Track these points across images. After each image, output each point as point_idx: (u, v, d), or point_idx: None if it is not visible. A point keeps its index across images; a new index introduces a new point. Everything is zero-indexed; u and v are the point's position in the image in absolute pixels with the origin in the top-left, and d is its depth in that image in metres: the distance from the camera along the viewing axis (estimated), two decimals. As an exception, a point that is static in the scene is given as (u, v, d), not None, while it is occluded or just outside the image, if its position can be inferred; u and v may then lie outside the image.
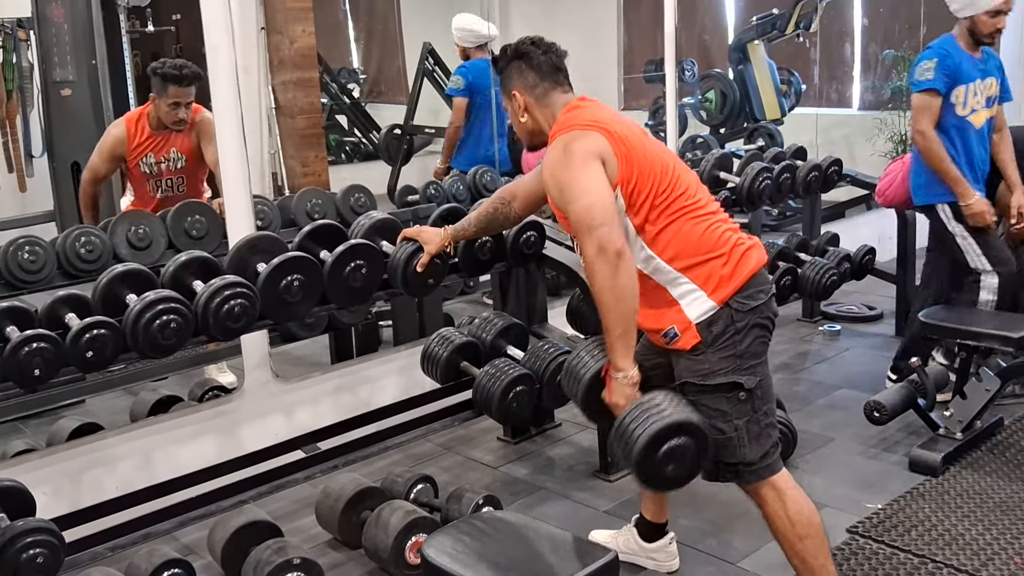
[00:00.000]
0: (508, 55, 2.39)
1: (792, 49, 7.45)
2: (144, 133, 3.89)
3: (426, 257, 2.70)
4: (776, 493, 2.24)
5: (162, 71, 3.77)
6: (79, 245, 3.27)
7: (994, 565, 2.63)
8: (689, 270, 2.18)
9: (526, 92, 2.35)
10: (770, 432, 2.24)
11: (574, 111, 2.29)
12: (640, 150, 2.22)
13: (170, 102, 3.79)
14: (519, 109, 2.36)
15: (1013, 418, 3.57)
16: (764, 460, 2.23)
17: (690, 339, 2.18)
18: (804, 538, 2.22)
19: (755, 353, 2.21)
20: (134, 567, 2.49)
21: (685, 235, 2.19)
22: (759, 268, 2.22)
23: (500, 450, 3.59)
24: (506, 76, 2.39)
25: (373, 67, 8.74)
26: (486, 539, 1.91)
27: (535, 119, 2.36)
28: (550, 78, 2.35)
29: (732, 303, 2.17)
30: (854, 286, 4.95)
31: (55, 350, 2.25)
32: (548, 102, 2.34)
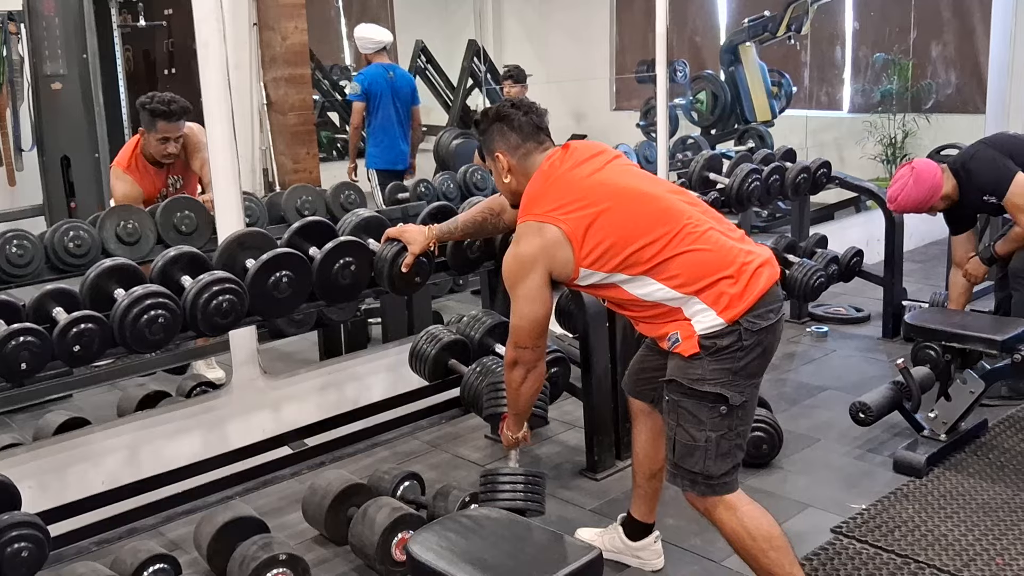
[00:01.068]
0: (490, 118, 2.43)
1: (783, 51, 7.49)
2: (148, 171, 3.86)
3: (410, 258, 2.70)
4: (731, 511, 2.25)
5: (150, 106, 3.73)
6: (68, 239, 3.27)
7: (976, 566, 2.65)
8: (700, 292, 2.18)
9: (509, 153, 2.39)
10: (736, 453, 2.25)
11: (540, 184, 2.32)
12: (614, 211, 2.23)
13: (159, 137, 3.76)
14: (503, 170, 2.41)
15: (997, 420, 3.60)
16: (723, 477, 2.24)
17: (690, 348, 2.18)
18: (767, 551, 2.22)
19: (750, 373, 2.21)
20: (120, 562, 2.49)
21: (690, 263, 2.19)
22: (770, 287, 2.21)
23: (487, 448, 3.60)
24: (488, 138, 2.43)
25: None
26: (472, 536, 1.91)
27: (518, 180, 2.40)
28: (532, 139, 2.40)
29: (743, 321, 2.16)
30: (842, 288, 4.98)
31: (42, 344, 2.24)
32: (528, 164, 2.39)
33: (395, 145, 5.55)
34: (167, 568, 2.50)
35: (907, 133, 7.28)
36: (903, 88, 7.36)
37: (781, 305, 2.28)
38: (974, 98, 7.15)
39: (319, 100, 7.31)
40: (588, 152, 2.38)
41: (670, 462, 2.30)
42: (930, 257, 6.12)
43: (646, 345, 2.56)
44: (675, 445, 2.25)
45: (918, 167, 3.87)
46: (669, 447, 2.29)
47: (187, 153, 3.88)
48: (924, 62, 7.41)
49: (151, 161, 3.85)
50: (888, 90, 7.44)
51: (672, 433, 2.26)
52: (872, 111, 7.52)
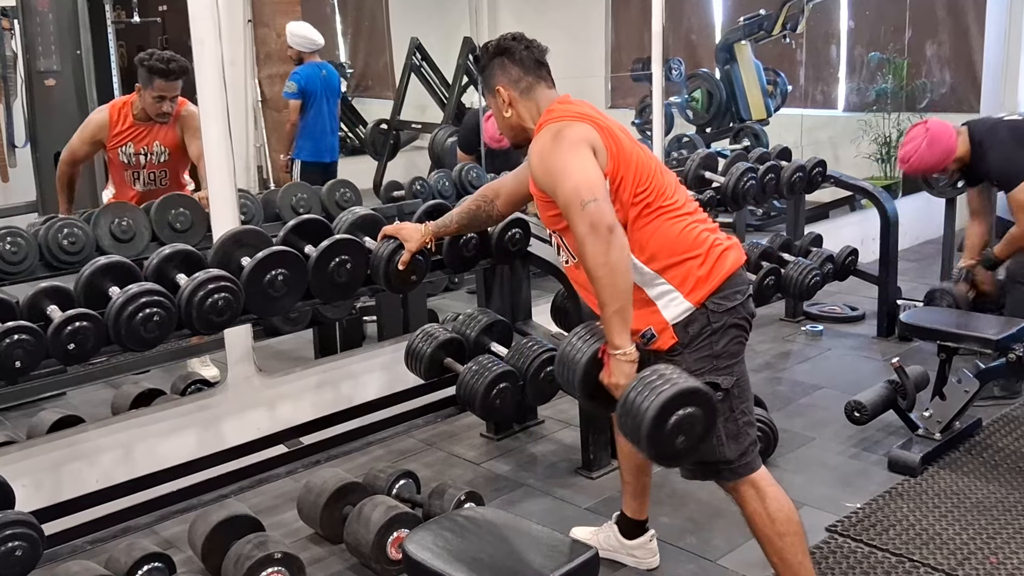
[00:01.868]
0: (490, 52, 2.38)
1: (779, 50, 7.49)
2: (126, 122, 3.88)
3: (406, 255, 2.69)
4: (756, 491, 2.25)
5: (149, 63, 3.75)
6: (62, 237, 3.25)
7: (970, 564, 2.65)
8: (666, 271, 2.19)
9: (510, 87, 2.35)
10: (748, 431, 2.25)
11: (563, 105, 2.30)
12: (627, 147, 2.23)
13: (155, 95, 3.78)
14: (503, 104, 2.36)
15: (991, 419, 3.60)
16: (743, 458, 2.24)
17: (667, 340, 2.19)
18: (784, 536, 2.23)
19: (731, 353, 2.22)
20: (114, 561, 2.49)
21: (662, 235, 2.19)
22: (736, 269, 2.23)
23: (483, 447, 3.60)
24: (488, 73, 2.38)
25: (360, 62, 8.72)
26: (467, 535, 1.91)
27: (519, 114, 2.36)
28: (533, 72, 2.35)
29: (708, 304, 2.18)
30: (837, 287, 4.98)
31: (36, 342, 2.23)
32: (532, 96, 2.34)
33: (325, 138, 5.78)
34: (161, 567, 2.50)
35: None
36: (898, 87, 7.36)
37: (748, 287, 2.28)
38: (968, 97, 7.16)
39: (314, 97, 7.28)
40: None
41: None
42: (925, 256, 6.14)
43: None
44: None
45: (933, 128, 3.76)
46: None
47: (185, 134, 3.87)
48: (919, 61, 7.42)
49: (139, 119, 3.85)
50: (883, 89, 7.44)
51: None
52: (867, 110, 7.53)
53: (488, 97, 2.43)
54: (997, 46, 6.81)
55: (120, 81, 5.14)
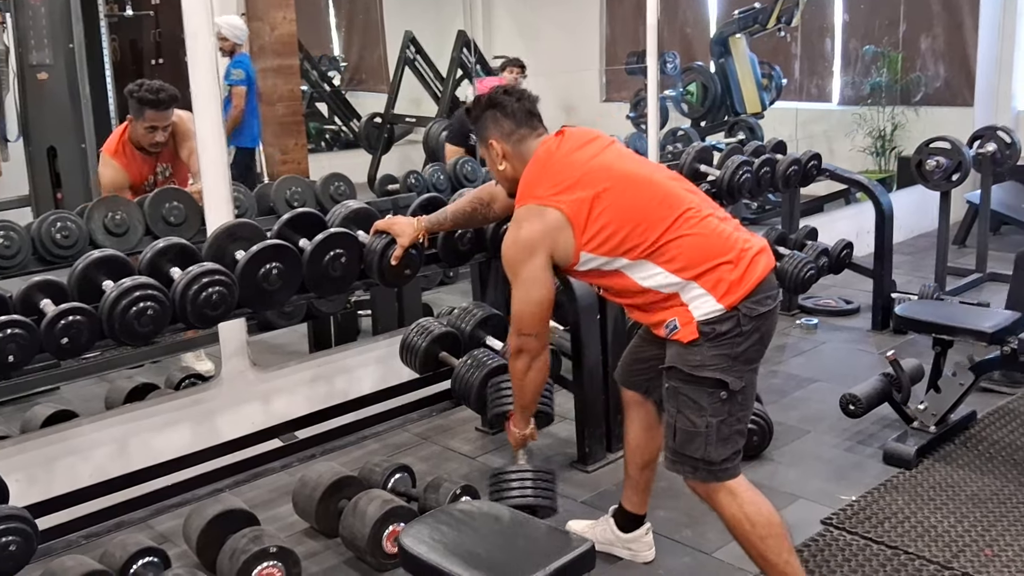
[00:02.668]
0: (482, 105, 2.42)
1: (773, 43, 7.48)
2: (135, 158, 3.84)
3: (399, 250, 2.68)
4: (732, 497, 2.25)
5: (138, 95, 3.71)
6: (55, 230, 3.24)
7: (965, 557, 2.66)
8: (699, 277, 2.19)
9: (503, 140, 2.39)
10: (737, 439, 2.26)
11: (539, 169, 2.32)
12: (615, 193, 2.23)
13: (147, 125, 3.74)
14: (498, 157, 2.41)
15: (986, 412, 3.61)
16: (725, 463, 2.24)
17: (689, 334, 2.19)
18: (765, 538, 2.23)
19: (749, 359, 2.22)
20: (109, 555, 2.48)
21: (690, 246, 2.20)
22: (767, 274, 2.23)
23: (478, 440, 3.59)
24: (481, 126, 2.43)
25: (354, 55, 8.70)
26: (463, 529, 1.91)
27: (513, 166, 2.40)
28: (526, 124, 2.40)
29: (741, 307, 2.17)
30: (832, 280, 4.99)
31: (30, 336, 2.22)
32: (522, 149, 2.39)
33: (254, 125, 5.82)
34: (156, 561, 2.49)
35: (896, 126, 7.30)
36: (892, 81, 7.37)
37: (778, 292, 2.30)
38: (963, 91, 7.17)
39: (307, 90, 7.26)
40: (585, 137, 2.38)
41: (670, 449, 2.29)
42: (919, 249, 6.15)
43: (639, 335, 2.56)
44: (675, 432, 2.25)
45: None
46: (669, 434, 2.28)
47: (176, 141, 3.86)
48: (913, 55, 7.43)
49: (139, 148, 3.83)
50: (877, 83, 7.45)
51: (672, 420, 2.26)
52: (862, 103, 7.53)
53: (482, 149, 2.47)
54: (991, 39, 6.82)
55: (113, 75, 5.12)
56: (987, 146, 5.32)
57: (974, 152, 5.22)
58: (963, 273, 5.44)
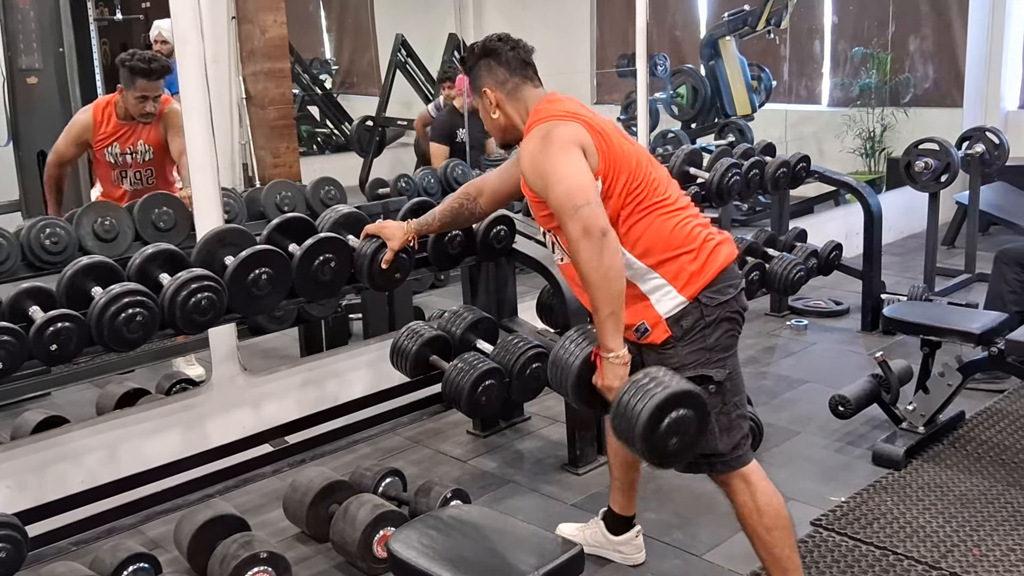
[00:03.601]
0: (476, 53, 2.39)
1: (763, 45, 7.51)
2: (111, 122, 3.86)
3: (389, 254, 2.69)
4: (746, 484, 2.27)
5: (130, 63, 3.73)
6: (44, 236, 3.23)
7: (953, 557, 2.68)
8: (659, 266, 2.20)
9: (497, 88, 2.36)
10: (740, 424, 2.26)
11: (551, 103, 2.30)
12: (617, 144, 2.24)
13: (137, 95, 3.76)
14: (491, 106, 2.37)
15: (974, 412, 3.63)
16: (735, 451, 2.25)
17: (661, 333, 2.20)
18: (772, 529, 2.25)
19: (725, 347, 2.24)
20: (99, 561, 2.48)
21: (655, 231, 2.21)
22: (728, 263, 2.25)
23: (469, 444, 3.60)
24: (475, 74, 2.39)
25: (345, 58, 8.69)
26: (453, 533, 1.91)
27: (507, 115, 2.37)
28: (520, 73, 2.36)
29: (701, 298, 2.19)
30: (821, 281, 5.00)
31: (18, 343, 2.22)
32: (519, 96, 2.35)
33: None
34: (147, 567, 2.49)
35: (886, 127, 7.33)
36: (882, 82, 7.40)
37: (740, 281, 2.30)
38: (952, 91, 7.21)
39: (299, 94, 7.26)
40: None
41: None
42: (908, 250, 6.17)
43: None
44: None
45: None
46: None
47: (166, 129, 3.86)
48: (902, 56, 7.46)
49: (121, 116, 3.83)
50: (867, 84, 7.48)
51: None
52: (851, 105, 7.56)
53: (475, 98, 2.44)
54: (980, 40, 6.85)
55: (103, 79, 5.11)
56: (975, 147, 5.35)
57: (963, 153, 5.25)
58: (952, 274, 5.46)
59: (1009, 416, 3.62)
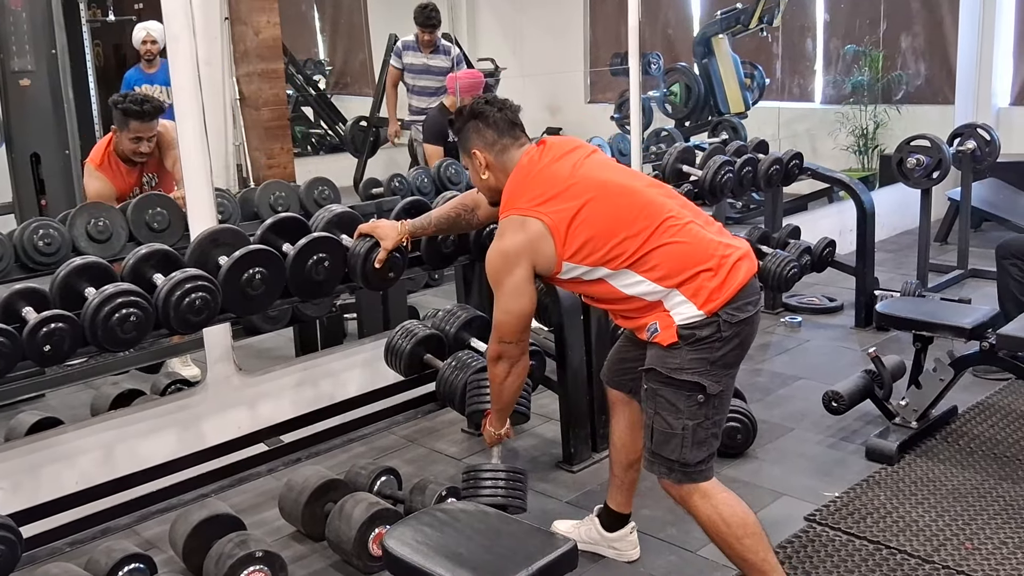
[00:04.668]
0: (465, 116, 2.44)
1: (755, 43, 7.52)
2: (121, 169, 3.85)
3: (383, 253, 2.70)
4: (706, 499, 2.27)
5: (123, 106, 3.73)
6: (37, 238, 3.23)
7: (946, 550, 2.69)
8: (681, 285, 2.21)
9: (486, 150, 2.41)
10: (712, 442, 2.28)
11: (522, 179, 2.34)
12: (597, 204, 2.25)
13: (132, 136, 3.75)
14: (480, 167, 2.43)
15: (966, 407, 3.65)
16: (699, 465, 2.26)
17: (668, 337, 2.20)
18: (742, 538, 2.25)
19: (727, 364, 2.24)
20: (94, 562, 2.48)
21: (669, 255, 2.21)
22: (748, 279, 2.24)
23: (464, 442, 3.61)
24: (464, 136, 2.45)
25: (339, 59, 8.69)
26: (447, 530, 1.92)
27: (496, 177, 2.42)
28: (508, 134, 2.42)
29: (722, 314, 2.19)
30: (815, 278, 5.03)
31: (12, 344, 2.22)
32: (505, 159, 2.41)
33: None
34: (142, 567, 2.49)
35: (878, 124, 7.35)
36: (874, 79, 7.42)
37: (759, 297, 2.31)
38: (943, 89, 7.22)
39: (292, 95, 7.26)
40: (566, 147, 2.40)
41: (647, 449, 2.32)
42: (901, 247, 6.19)
43: (625, 336, 2.58)
44: (652, 433, 2.28)
45: None
46: (647, 435, 2.31)
47: (161, 151, 3.86)
48: (894, 53, 7.48)
49: (124, 159, 3.83)
50: (859, 81, 7.49)
51: (650, 421, 2.29)
52: (844, 102, 7.58)
53: (464, 159, 2.49)
54: (971, 37, 6.86)
55: (96, 80, 5.11)
56: (967, 144, 5.37)
57: (954, 150, 5.27)
58: (945, 270, 5.48)
59: (1001, 411, 3.64)
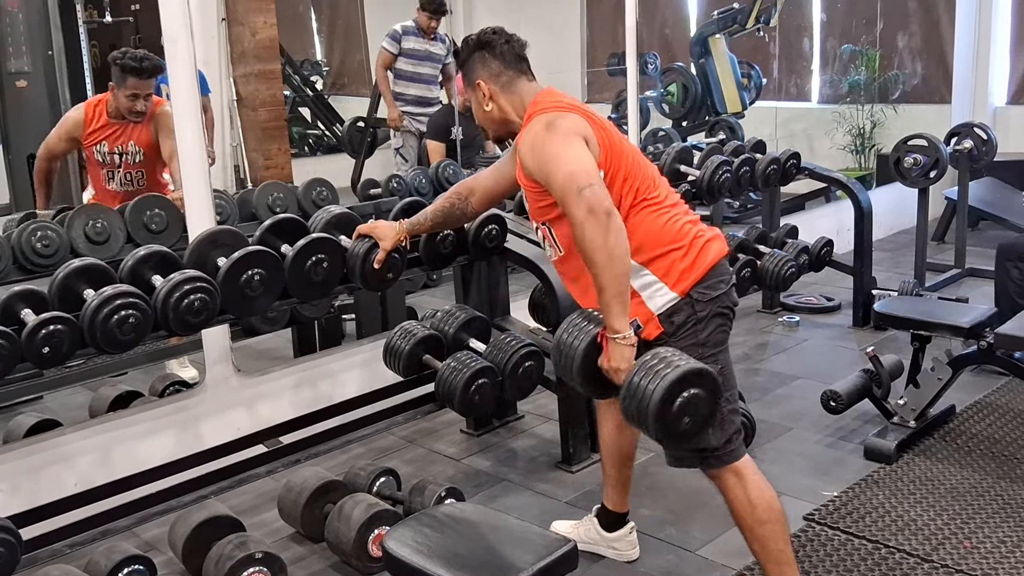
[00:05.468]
0: (470, 45, 2.40)
1: (752, 43, 7.53)
2: (101, 120, 3.85)
3: (382, 254, 2.69)
4: (738, 478, 2.27)
5: (122, 62, 3.73)
6: (35, 239, 3.22)
7: (944, 549, 2.69)
8: (650, 263, 2.21)
9: (491, 81, 2.36)
10: (732, 418, 2.27)
11: (551, 96, 2.31)
12: (617, 139, 2.26)
13: (128, 93, 3.76)
14: (484, 98, 2.38)
15: (964, 406, 3.65)
16: (727, 446, 2.26)
17: (653, 330, 2.21)
18: (764, 523, 2.25)
19: (716, 342, 2.25)
20: (94, 564, 2.48)
21: (646, 228, 2.22)
22: (719, 259, 2.26)
23: (463, 443, 3.61)
24: (468, 67, 2.40)
25: (336, 59, 8.69)
26: (447, 531, 1.92)
27: (501, 107, 2.37)
28: (514, 66, 2.37)
29: (693, 293, 2.20)
30: (813, 277, 5.03)
31: (11, 346, 2.21)
32: (514, 89, 2.36)
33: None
34: (142, 569, 2.49)
35: (875, 123, 7.36)
36: (871, 79, 7.43)
37: (731, 277, 2.31)
38: (940, 88, 7.24)
39: (290, 96, 7.26)
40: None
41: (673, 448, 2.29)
42: (899, 246, 6.20)
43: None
44: None
45: None
46: None
47: (158, 133, 3.86)
48: (891, 53, 7.49)
49: (112, 115, 3.84)
50: (856, 81, 7.50)
51: None
52: (841, 102, 7.59)
53: (468, 90, 2.44)
54: (968, 36, 6.88)
55: (93, 81, 5.11)
56: (964, 143, 5.37)
57: (951, 149, 5.28)
58: (942, 269, 5.49)
59: (999, 409, 3.64)
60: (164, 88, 5.19)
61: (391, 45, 5.91)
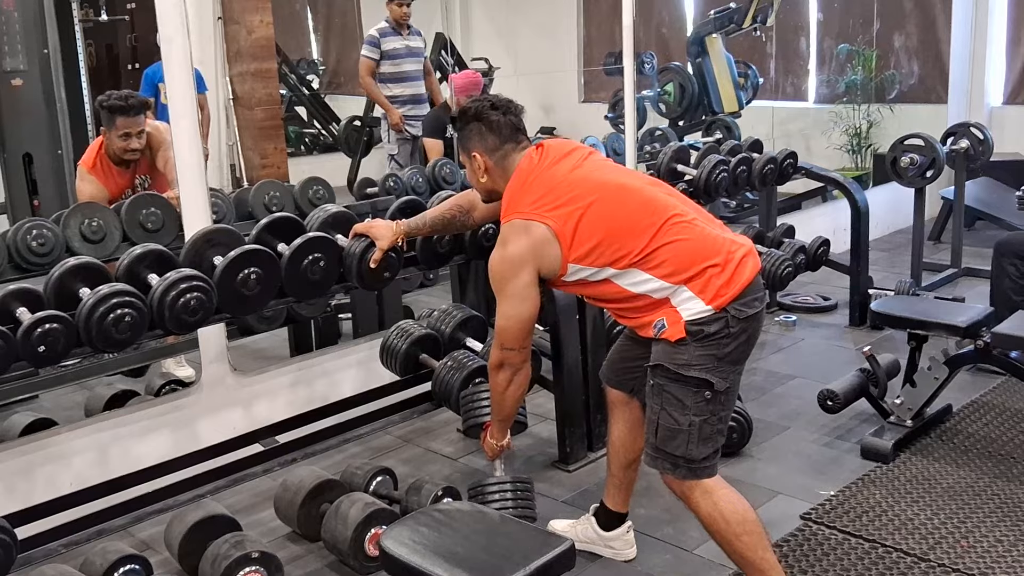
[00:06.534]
0: (468, 116, 2.43)
1: (749, 43, 7.53)
2: (113, 172, 3.84)
3: (378, 253, 2.69)
4: (707, 495, 2.27)
5: (108, 104, 3.73)
6: (31, 238, 3.22)
7: (941, 548, 2.70)
8: (688, 281, 2.21)
9: (486, 155, 2.41)
10: (718, 438, 2.28)
11: (522, 182, 2.33)
12: (600, 204, 2.25)
13: (120, 133, 3.74)
14: (479, 170, 2.43)
15: (961, 405, 3.66)
16: (704, 462, 2.26)
17: (676, 332, 2.20)
18: (741, 535, 2.25)
19: (735, 360, 2.25)
20: (89, 563, 2.47)
21: (677, 252, 2.21)
22: (754, 276, 2.25)
23: (459, 442, 3.60)
24: (465, 136, 2.44)
25: (332, 58, 8.68)
26: (444, 530, 1.92)
27: (493, 180, 2.43)
28: (511, 139, 2.41)
29: (730, 309, 2.19)
30: (809, 277, 5.03)
31: (6, 345, 2.21)
32: (506, 164, 2.41)
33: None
34: (138, 569, 2.48)
35: (872, 123, 7.37)
36: (867, 78, 7.44)
37: (764, 294, 2.32)
38: (936, 88, 7.25)
39: (286, 95, 7.25)
40: (564, 149, 2.40)
41: (651, 445, 2.31)
42: (895, 245, 6.21)
43: (625, 335, 2.58)
44: (658, 429, 2.27)
45: None
46: (651, 430, 2.30)
47: (152, 152, 3.85)
48: (887, 53, 7.50)
49: (116, 161, 3.82)
50: (853, 80, 7.51)
51: (655, 417, 2.28)
52: (837, 101, 7.59)
53: (464, 157, 2.48)
54: (964, 36, 6.89)
55: (88, 80, 5.09)
56: (960, 142, 5.38)
57: (948, 149, 5.28)
58: (939, 268, 5.50)
59: (996, 409, 3.65)
60: (161, 87, 5.19)
61: (371, 51, 5.70)
